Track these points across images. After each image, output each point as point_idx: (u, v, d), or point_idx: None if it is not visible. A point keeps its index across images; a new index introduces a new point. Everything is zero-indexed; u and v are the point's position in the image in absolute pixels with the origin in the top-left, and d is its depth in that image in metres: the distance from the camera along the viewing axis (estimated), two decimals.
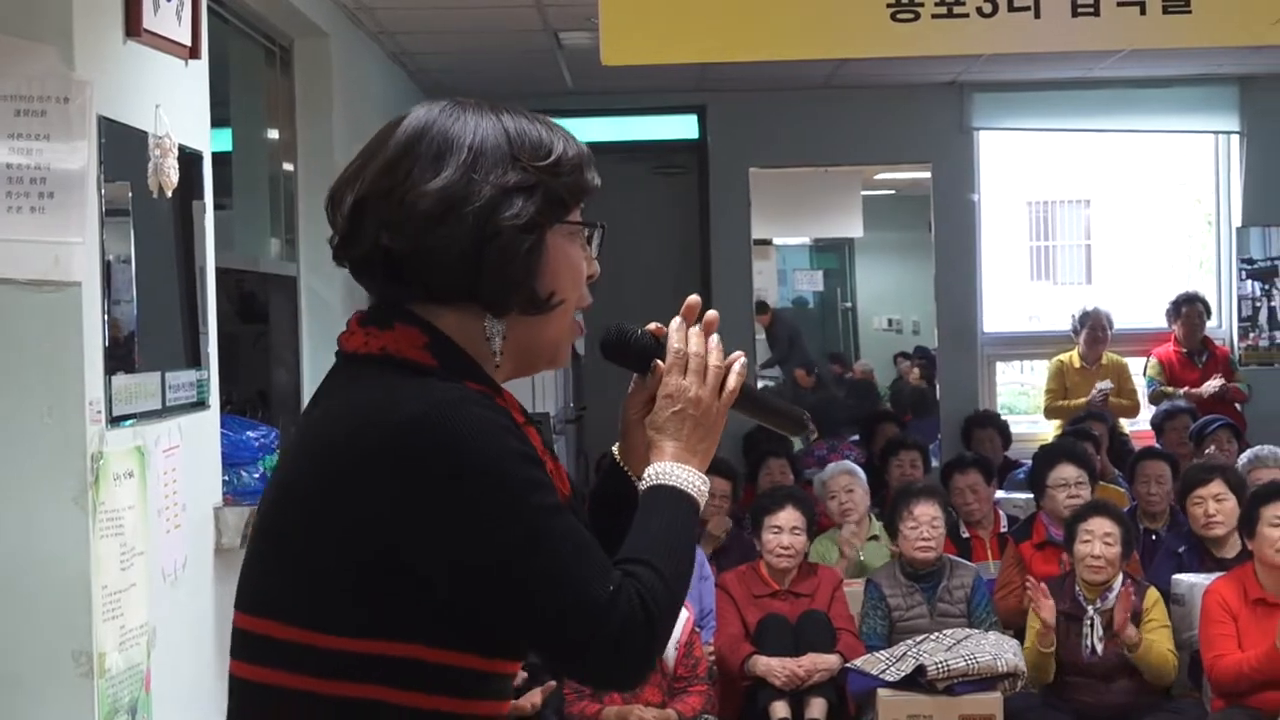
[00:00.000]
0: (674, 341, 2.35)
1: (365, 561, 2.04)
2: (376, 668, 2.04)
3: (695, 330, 2.36)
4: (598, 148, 9.22)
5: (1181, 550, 7.57)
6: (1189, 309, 10.76)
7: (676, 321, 2.37)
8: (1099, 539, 6.90)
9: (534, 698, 6.30)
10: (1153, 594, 7.00)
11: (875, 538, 8.11)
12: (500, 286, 2.14)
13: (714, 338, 2.36)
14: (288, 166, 7.67)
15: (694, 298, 2.41)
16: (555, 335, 2.26)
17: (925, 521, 7.22)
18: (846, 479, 8.09)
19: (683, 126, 11.58)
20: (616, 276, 11.81)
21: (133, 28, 4.62)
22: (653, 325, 2.42)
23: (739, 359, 2.37)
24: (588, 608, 2.02)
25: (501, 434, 2.07)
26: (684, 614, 6.84)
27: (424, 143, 2.14)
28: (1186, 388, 10.52)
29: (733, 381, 2.33)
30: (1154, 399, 10.62)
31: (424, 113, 2.19)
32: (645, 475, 2.25)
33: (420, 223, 2.11)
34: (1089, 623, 6.84)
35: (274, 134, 7.67)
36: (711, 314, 2.39)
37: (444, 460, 2.02)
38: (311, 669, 2.05)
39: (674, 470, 2.24)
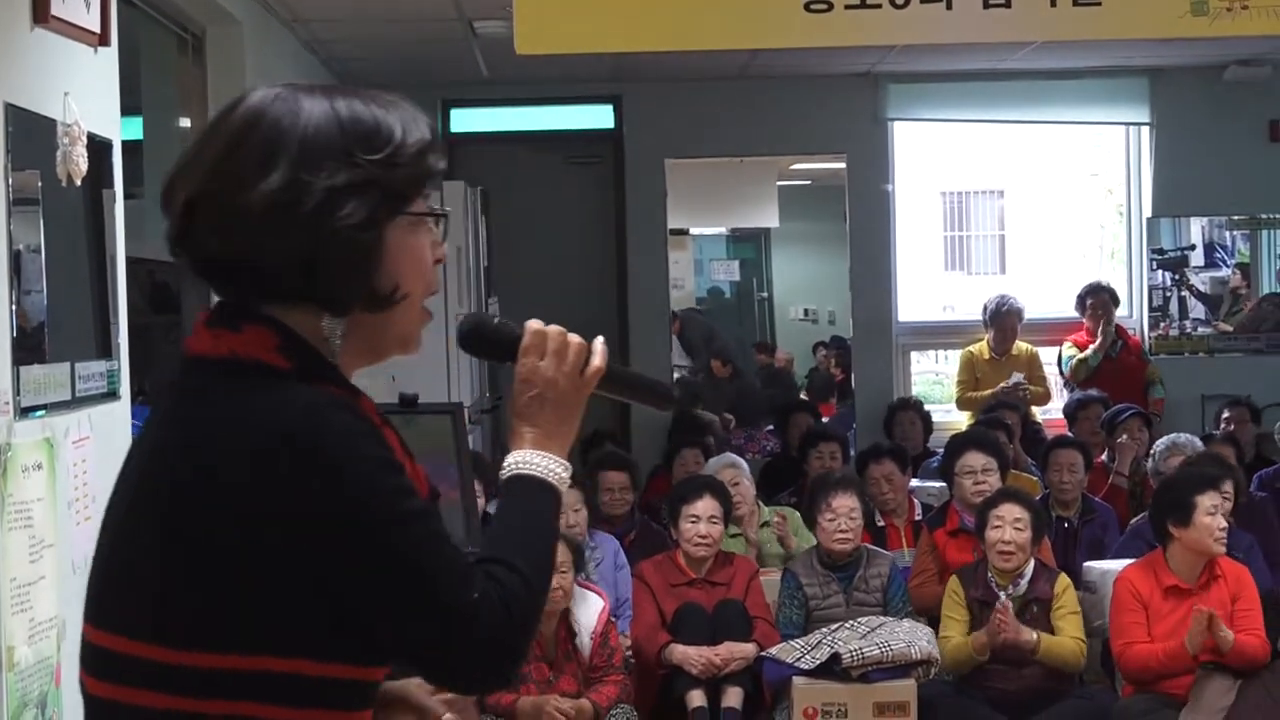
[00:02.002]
0: (532, 323, 2.26)
1: (235, 578, 1.98)
2: (250, 684, 1.99)
3: None
4: (513, 137, 9.24)
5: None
6: (1094, 300, 10.83)
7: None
8: (1009, 524, 6.96)
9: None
10: (1063, 580, 7.07)
11: (766, 524, 8.15)
12: (339, 288, 2.07)
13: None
14: None
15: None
16: (402, 329, 2.18)
17: (843, 513, 7.25)
18: (731, 472, 8.10)
19: (598, 116, 11.57)
20: (533, 267, 11.86)
21: (40, 14, 4.56)
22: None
23: (600, 340, 2.31)
24: (453, 615, 1.99)
25: (364, 441, 2.02)
26: (600, 603, 6.84)
27: (254, 138, 2.06)
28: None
29: (597, 361, 2.27)
30: (1076, 371, 10.66)
31: (256, 102, 2.11)
32: (504, 464, 2.21)
33: (250, 228, 2.03)
34: (999, 605, 6.89)
35: (186, 122, 7.61)
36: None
37: (309, 472, 1.97)
38: (183, 688, 2.00)
39: (533, 458, 2.19)
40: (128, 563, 2.07)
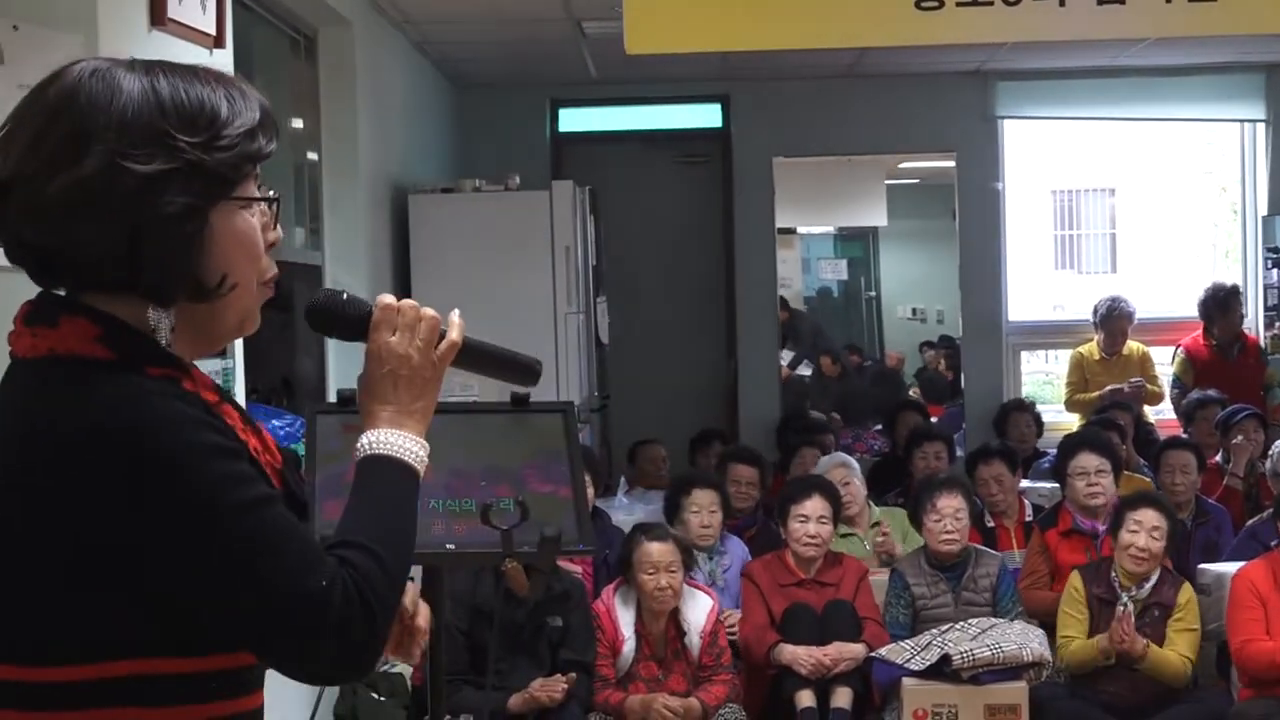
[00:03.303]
0: (382, 298, 2.17)
1: (73, 584, 1.89)
2: (99, 691, 1.91)
3: None
4: (621, 137, 9.24)
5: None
6: (1235, 302, 10.60)
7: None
8: (1146, 531, 6.86)
9: (554, 690, 6.31)
10: (1186, 590, 6.96)
11: (876, 525, 8.11)
12: (161, 279, 1.95)
13: None
14: (311, 156, 7.67)
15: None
16: (235, 317, 2.05)
17: (949, 514, 7.21)
18: (842, 471, 8.07)
19: (706, 115, 11.57)
20: (641, 267, 11.87)
21: (157, 17, 4.62)
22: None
23: (456, 312, 2.24)
24: (300, 603, 1.88)
25: (189, 428, 1.90)
26: (709, 602, 6.84)
27: (66, 119, 1.92)
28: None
29: (453, 335, 2.20)
30: (1175, 401, 10.51)
31: (73, 78, 1.95)
32: (358, 445, 2.10)
33: (63, 217, 1.90)
34: (1121, 609, 6.81)
35: (298, 123, 7.68)
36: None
37: (128, 467, 1.86)
38: (48, 703, 1.92)
39: (388, 437, 2.09)
40: None
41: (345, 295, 2.22)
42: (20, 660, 1.92)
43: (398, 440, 2.10)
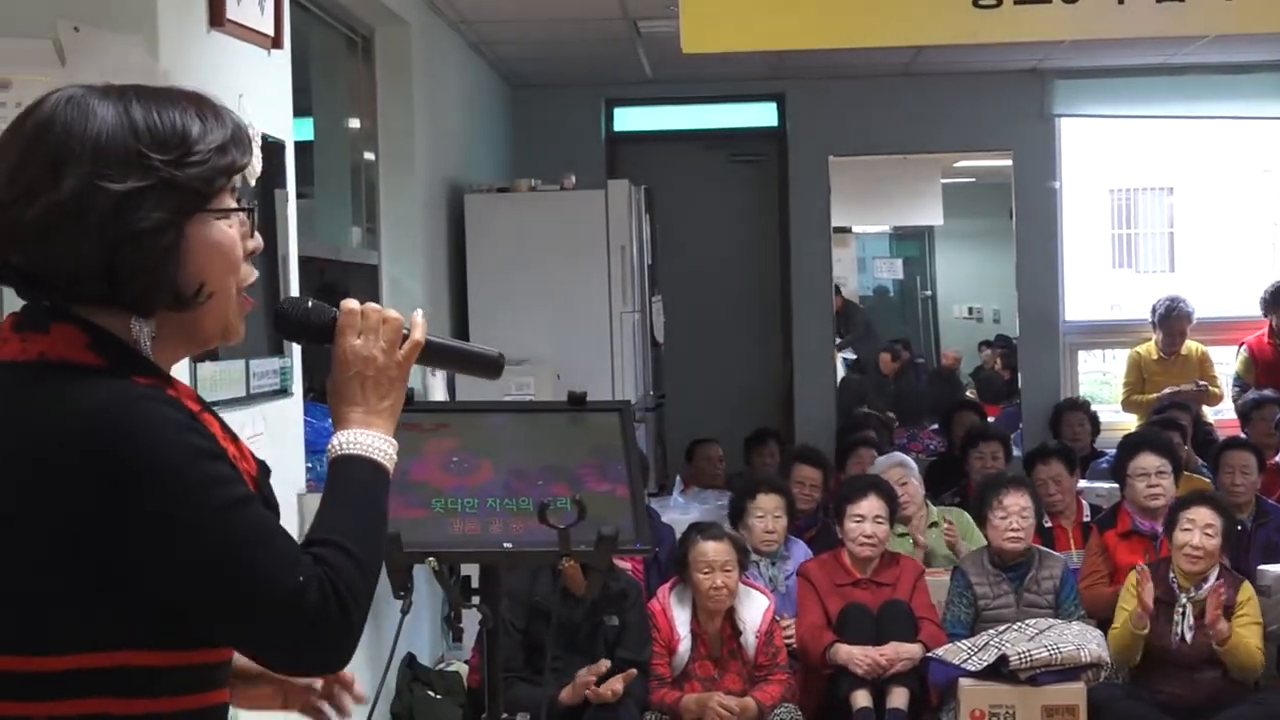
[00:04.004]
0: (346, 302, 2.26)
1: (55, 577, 1.97)
2: (79, 682, 1.98)
3: None
4: (676, 136, 9.22)
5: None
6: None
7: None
8: (1200, 529, 6.82)
9: (615, 685, 6.30)
10: (1246, 588, 6.91)
11: (935, 524, 8.08)
12: (140, 291, 2.03)
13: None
14: (368, 155, 7.70)
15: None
16: (215, 324, 2.14)
17: (1015, 511, 7.17)
18: (899, 471, 8.04)
19: (762, 114, 11.57)
20: (697, 266, 11.86)
21: (216, 18, 4.64)
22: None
23: (419, 312, 2.32)
24: (277, 601, 1.98)
25: (174, 430, 1.98)
26: (765, 602, 6.83)
27: (45, 144, 2.02)
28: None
29: (416, 335, 2.28)
30: (1235, 399, 10.44)
31: (49, 107, 2.05)
32: (330, 446, 2.19)
33: (44, 238, 2.00)
34: (1180, 610, 6.77)
35: (355, 123, 7.71)
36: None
37: (117, 465, 1.94)
38: (21, 694, 1.99)
39: (358, 437, 2.18)
40: None
41: (310, 302, 2.31)
42: (21, 650, 1.99)
43: (367, 439, 2.19)
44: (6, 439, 1.99)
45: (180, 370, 4.22)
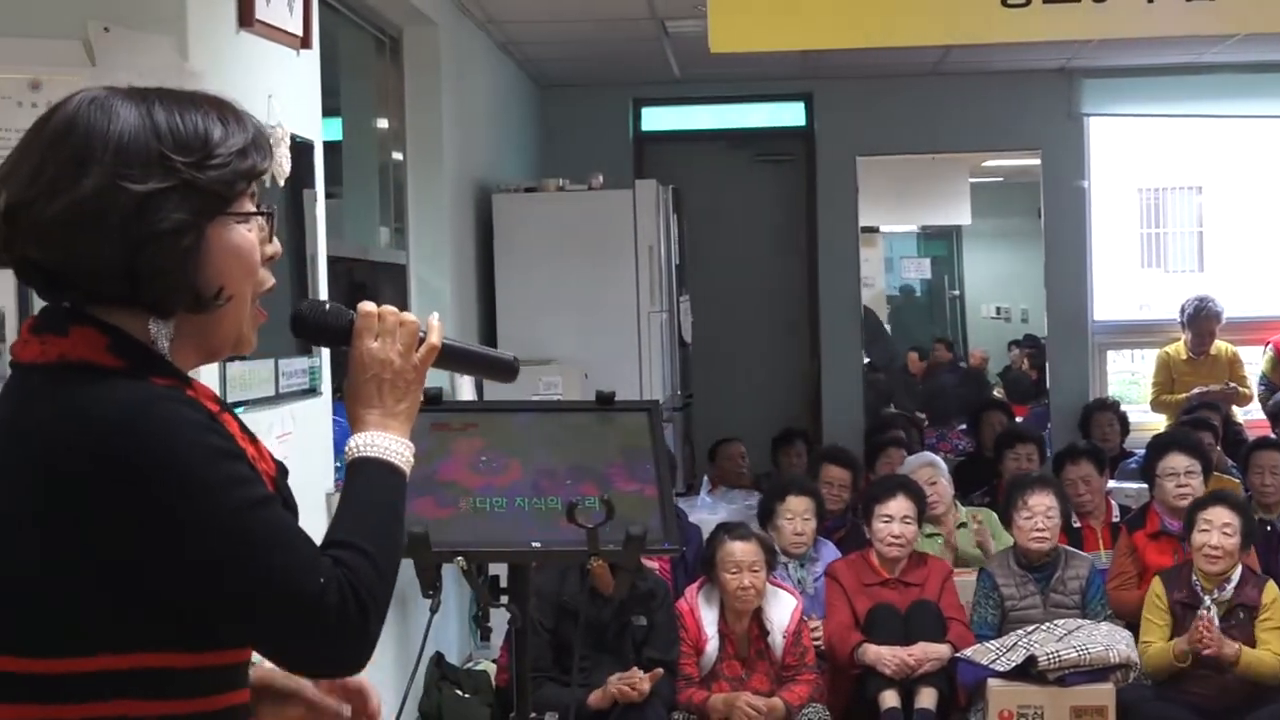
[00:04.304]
0: (363, 305, 2.27)
1: (81, 578, 1.97)
2: (99, 684, 1.98)
3: None
4: (704, 135, 9.22)
5: None
6: None
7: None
8: (1218, 529, 6.80)
9: (642, 684, 6.31)
10: (1271, 589, 6.87)
11: (964, 525, 8.06)
12: (160, 292, 2.04)
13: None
14: (397, 155, 7.72)
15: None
16: (231, 329, 2.14)
17: (1040, 511, 7.16)
18: (929, 471, 8.03)
19: (790, 114, 11.56)
20: (725, 265, 11.86)
21: (245, 18, 4.66)
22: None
23: (435, 316, 2.34)
24: (298, 603, 1.98)
25: (193, 431, 1.99)
26: (792, 601, 6.82)
27: (68, 144, 2.03)
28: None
29: (433, 338, 2.29)
30: (1262, 399, 10.40)
31: (73, 108, 2.06)
32: (347, 448, 2.20)
33: (65, 235, 2.00)
34: (1204, 612, 6.74)
35: (383, 123, 7.72)
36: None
37: (136, 466, 1.94)
38: (49, 696, 1.98)
39: (375, 440, 2.19)
40: None
41: (328, 305, 2.33)
42: (20, 652, 1.99)
43: (384, 442, 2.19)
44: (28, 441, 2.00)
45: (209, 370, 4.24)
